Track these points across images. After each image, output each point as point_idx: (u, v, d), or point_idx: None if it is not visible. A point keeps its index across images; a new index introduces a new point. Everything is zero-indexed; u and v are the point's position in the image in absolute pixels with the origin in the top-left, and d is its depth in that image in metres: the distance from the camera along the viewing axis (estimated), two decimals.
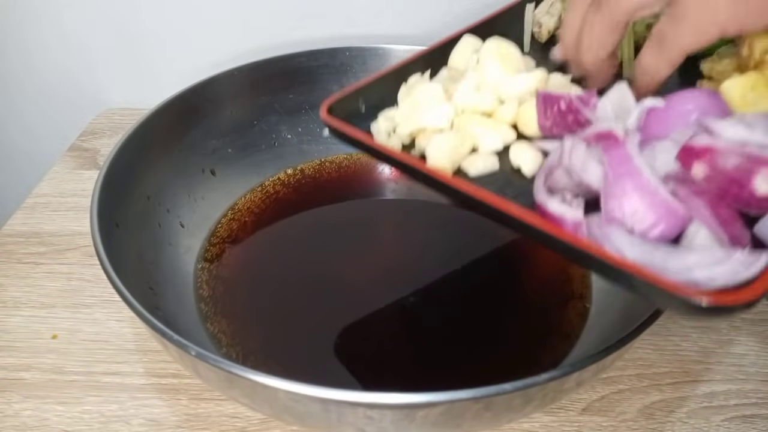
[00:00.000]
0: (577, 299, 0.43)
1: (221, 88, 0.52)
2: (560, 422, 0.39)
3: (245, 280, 0.45)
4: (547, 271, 0.46)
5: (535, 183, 0.30)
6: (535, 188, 0.30)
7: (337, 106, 0.35)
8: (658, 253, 0.25)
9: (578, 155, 0.29)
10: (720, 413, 0.39)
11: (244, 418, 0.39)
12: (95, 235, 0.36)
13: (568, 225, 0.27)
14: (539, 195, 0.29)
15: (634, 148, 0.27)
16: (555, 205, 0.28)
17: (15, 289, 0.47)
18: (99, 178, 0.40)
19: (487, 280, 0.45)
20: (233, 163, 0.53)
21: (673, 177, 0.27)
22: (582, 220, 0.27)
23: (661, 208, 0.26)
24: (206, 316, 0.42)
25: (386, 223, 0.50)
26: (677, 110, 0.29)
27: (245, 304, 0.43)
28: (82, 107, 0.68)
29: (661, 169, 0.27)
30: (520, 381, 0.29)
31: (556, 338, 0.41)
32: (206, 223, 0.49)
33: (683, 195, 0.26)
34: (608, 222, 0.26)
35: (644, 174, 0.26)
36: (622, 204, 0.26)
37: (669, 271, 0.24)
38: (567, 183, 0.29)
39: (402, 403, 0.29)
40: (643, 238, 0.26)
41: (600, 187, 0.28)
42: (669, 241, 0.26)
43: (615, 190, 0.27)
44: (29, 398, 0.40)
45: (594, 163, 0.28)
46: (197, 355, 0.30)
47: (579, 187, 0.29)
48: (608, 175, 0.27)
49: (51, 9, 0.63)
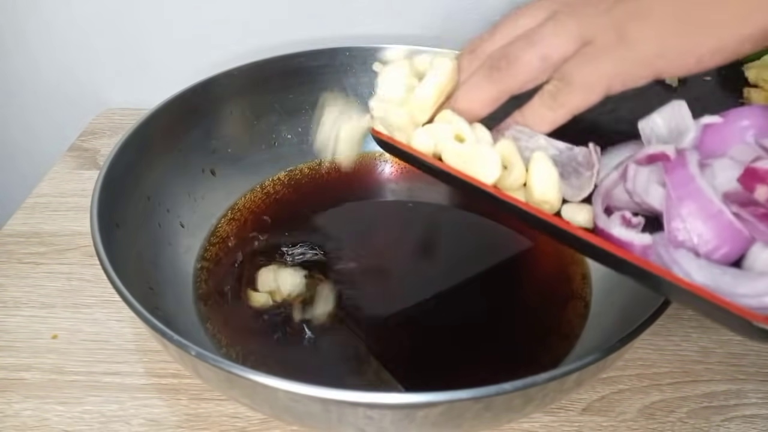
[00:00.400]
0: (577, 299, 0.43)
1: (221, 88, 0.52)
2: (560, 422, 0.39)
3: (245, 279, 0.45)
4: (547, 271, 0.46)
5: (594, 209, 0.30)
6: (594, 215, 0.30)
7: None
8: (726, 278, 0.25)
9: (641, 179, 0.29)
10: (720, 413, 0.39)
11: (244, 418, 0.39)
12: (95, 235, 0.36)
13: (636, 249, 0.27)
14: (600, 221, 0.29)
15: (695, 168, 0.27)
16: (621, 231, 0.28)
17: (15, 289, 0.47)
18: (99, 178, 0.40)
19: (487, 281, 0.45)
20: (233, 163, 0.53)
21: (733, 196, 0.27)
22: (650, 244, 0.27)
23: (725, 231, 0.26)
24: (206, 316, 0.42)
25: (386, 224, 0.50)
26: (733, 126, 0.29)
27: (245, 304, 0.43)
28: (82, 107, 0.68)
29: (721, 187, 0.27)
30: (520, 381, 0.29)
31: (556, 338, 0.41)
32: (206, 223, 0.49)
33: (745, 216, 0.26)
34: (671, 243, 0.27)
35: (707, 195, 0.26)
36: (686, 226, 0.27)
37: (739, 296, 0.24)
38: (627, 202, 0.29)
39: (402, 403, 0.29)
40: (709, 261, 0.26)
41: (661, 207, 0.28)
42: (731, 262, 0.26)
43: (679, 212, 0.27)
44: (29, 398, 0.40)
45: (655, 185, 0.28)
46: (197, 355, 0.30)
47: (639, 206, 0.29)
48: (671, 196, 0.27)
49: (51, 9, 0.63)
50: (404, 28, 0.64)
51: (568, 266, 0.46)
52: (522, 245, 0.48)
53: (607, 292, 0.43)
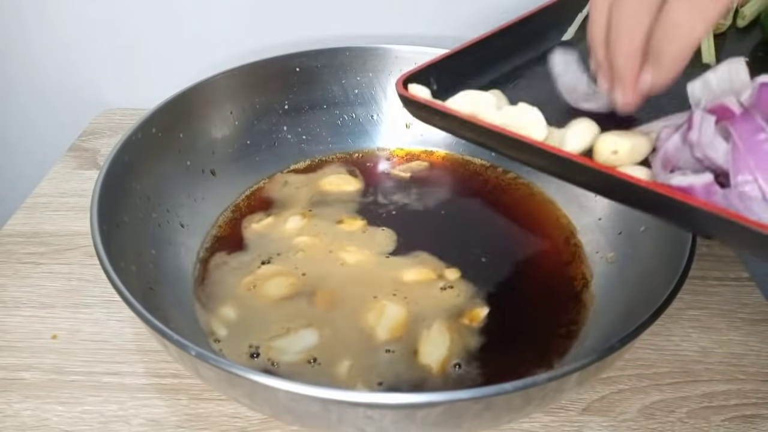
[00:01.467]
0: (577, 300, 0.43)
1: (221, 88, 0.52)
2: (560, 422, 0.39)
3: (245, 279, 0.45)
4: (547, 271, 0.46)
5: (653, 169, 0.30)
6: (654, 173, 0.29)
7: (410, 81, 0.37)
8: None
9: (707, 130, 0.28)
10: (720, 413, 0.39)
11: (244, 418, 0.39)
12: (95, 235, 0.36)
13: (698, 191, 0.27)
14: (660, 177, 0.29)
15: (763, 122, 0.27)
16: (679, 179, 0.27)
17: (15, 289, 0.47)
18: (99, 178, 0.40)
19: (487, 280, 0.45)
20: (233, 163, 0.53)
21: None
22: (711, 182, 0.27)
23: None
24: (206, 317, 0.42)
25: (382, 221, 0.50)
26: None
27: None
28: (82, 107, 0.68)
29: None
30: (520, 381, 0.29)
31: (556, 338, 0.41)
32: (206, 223, 0.49)
33: None
34: (739, 194, 0.26)
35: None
36: (756, 175, 0.26)
37: None
38: (687, 160, 0.29)
39: (402, 403, 0.29)
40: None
41: (724, 162, 0.27)
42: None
43: (747, 163, 0.27)
44: (29, 398, 0.40)
45: (719, 138, 0.28)
46: (197, 355, 0.30)
47: (701, 163, 0.28)
48: (738, 148, 0.27)
49: (51, 9, 0.63)
50: (404, 28, 0.64)
51: (569, 266, 0.46)
52: (523, 245, 0.48)
53: (608, 293, 0.43)
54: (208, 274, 0.45)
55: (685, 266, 0.35)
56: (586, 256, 0.47)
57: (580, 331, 0.41)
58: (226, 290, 0.44)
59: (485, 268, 0.46)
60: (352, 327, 0.41)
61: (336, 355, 0.39)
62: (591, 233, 0.48)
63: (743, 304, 0.47)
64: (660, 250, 0.41)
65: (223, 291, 0.44)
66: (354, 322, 0.41)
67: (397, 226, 0.49)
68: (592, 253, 0.47)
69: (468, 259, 0.46)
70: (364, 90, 0.57)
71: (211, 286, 0.44)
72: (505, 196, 0.52)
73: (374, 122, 0.57)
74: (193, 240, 0.47)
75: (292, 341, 0.40)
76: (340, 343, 0.40)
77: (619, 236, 0.46)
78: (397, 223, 0.49)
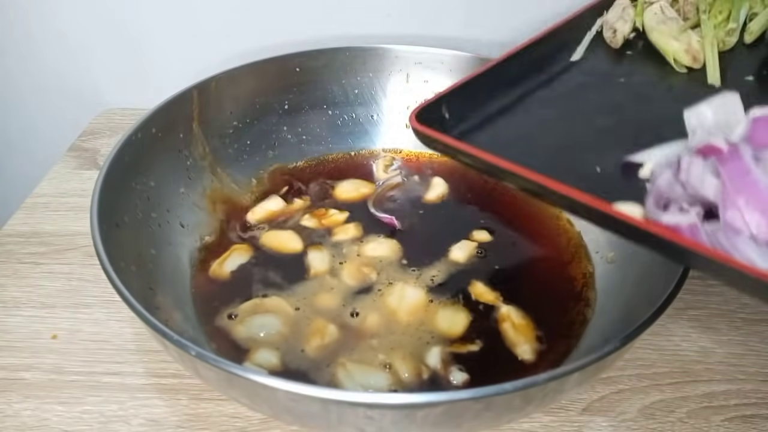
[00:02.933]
0: (577, 299, 0.43)
1: (221, 88, 0.52)
2: (560, 422, 0.39)
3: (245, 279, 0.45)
4: (547, 271, 0.46)
5: (647, 206, 0.30)
6: (647, 210, 0.30)
7: (423, 113, 0.37)
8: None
9: (696, 171, 0.29)
10: (720, 413, 0.39)
11: (244, 418, 0.39)
12: (95, 235, 0.36)
13: (684, 230, 0.28)
14: (652, 214, 0.30)
15: (750, 161, 0.28)
16: (668, 217, 0.29)
17: (15, 289, 0.47)
18: (99, 178, 0.40)
19: (487, 281, 0.45)
20: (233, 163, 0.53)
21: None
22: (696, 224, 0.28)
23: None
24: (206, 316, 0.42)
25: (379, 222, 0.50)
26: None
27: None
28: (82, 107, 0.68)
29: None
30: (520, 381, 0.29)
31: (557, 338, 0.41)
32: (206, 223, 0.49)
33: None
34: (728, 232, 0.27)
35: (763, 187, 0.27)
36: (744, 215, 0.27)
37: None
38: (681, 194, 0.30)
39: (402, 403, 0.29)
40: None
41: (716, 198, 0.28)
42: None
43: (735, 202, 0.27)
44: (29, 398, 0.40)
45: (710, 176, 0.29)
46: (197, 355, 0.30)
47: (694, 198, 0.29)
48: (726, 187, 0.28)
49: (51, 9, 0.63)
50: (404, 28, 0.64)
51: (569, 267, 0.46)
52: (523, 245, 0.48)
53: (608, 293, 0.43)
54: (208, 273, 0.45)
55: (685, 266, 0.35)
56: (587, 256, 0.47)
57: (580, 331, 0.41)
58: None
59: (485, 268, 0.46)
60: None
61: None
62: (591, 233, 0.48)
63: (743, 304, 0.47)
64: None
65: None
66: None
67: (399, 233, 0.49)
68: (593, 253, 0.47)
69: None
70: (364, 90, 0.57)
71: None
72: (505, 196, 0.52)
73: (374, 122, 0.57)
74: (193, 240, 0.47)
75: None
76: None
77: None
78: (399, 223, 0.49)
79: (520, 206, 0.51)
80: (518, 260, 0.47)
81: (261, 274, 0.45)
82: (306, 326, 0.41)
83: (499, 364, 0.39)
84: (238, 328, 0.41)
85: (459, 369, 0.38)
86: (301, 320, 0.41)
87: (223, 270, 0.45)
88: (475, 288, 0.43)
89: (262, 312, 0.41)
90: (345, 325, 0.41)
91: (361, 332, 0.40)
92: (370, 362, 0.38)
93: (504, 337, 0.40)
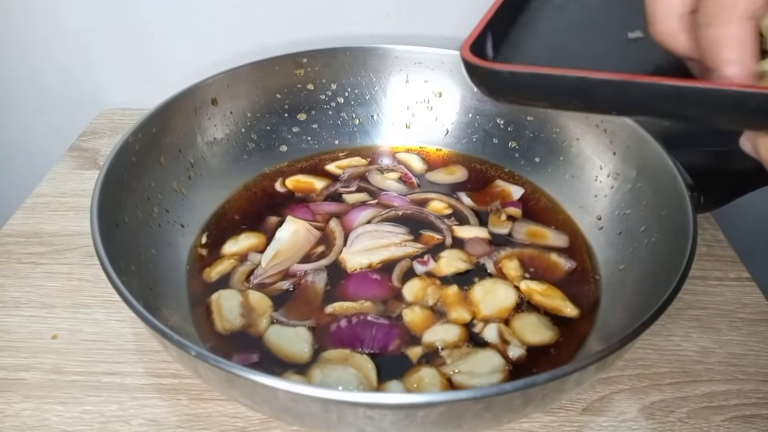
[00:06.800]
0: (578, 299, 0.43)
1: (221, 88, 0.52)
2: (560, 422, 0.39)
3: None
4: (547, 271, 0.46)
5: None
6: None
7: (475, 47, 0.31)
8: None
9: None
10: (720, 413, 0.39)
11: (244, 418, 0.39)
12: (95, 235, 0.36)
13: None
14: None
15: None
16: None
17: (15, 289, 0.47)
18: (99, 178, 0.40)
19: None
20: (233, 163, 0.53)
21: None
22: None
23: None
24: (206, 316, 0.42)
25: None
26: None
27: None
28: (82, 107, 0.68)
29: None
30: (520, 381, 0.29)
31: (557, 338, 0.41)
32: (206, 223, 0.49)
33: None
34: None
35: None
36: None
37: None
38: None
39: (402, 404, 0.29)
40: None
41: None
42: None
43: None
44: (29, 398, 0.40)
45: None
46: (197, 355, 0.30)
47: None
48: None
49: (50, 9, 0.63)
50: (404, 28, 0.64)
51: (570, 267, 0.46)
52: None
53: (608, 293, 0.43)
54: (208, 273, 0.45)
55: (685, 266, 0.35)
56: (587, 255, 0.47)
57: (580, 331, 0.41)
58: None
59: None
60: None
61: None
62: (591, 233, 0.48)
63: (743, 304, 0.47)
64: (660, 250, 0.41)
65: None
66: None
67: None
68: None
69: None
70: (364, 90, 0.57)
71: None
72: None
73: (374, 122, 0.57)
74: (193, 240, 0.47)
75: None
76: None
77: (619, 236, 0.46)
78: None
79: (521, 205, 0.51)
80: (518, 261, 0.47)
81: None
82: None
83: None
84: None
85: (515, 345, 0.39)
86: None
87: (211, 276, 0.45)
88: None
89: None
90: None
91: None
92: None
93: (543, 307, 0.42)
